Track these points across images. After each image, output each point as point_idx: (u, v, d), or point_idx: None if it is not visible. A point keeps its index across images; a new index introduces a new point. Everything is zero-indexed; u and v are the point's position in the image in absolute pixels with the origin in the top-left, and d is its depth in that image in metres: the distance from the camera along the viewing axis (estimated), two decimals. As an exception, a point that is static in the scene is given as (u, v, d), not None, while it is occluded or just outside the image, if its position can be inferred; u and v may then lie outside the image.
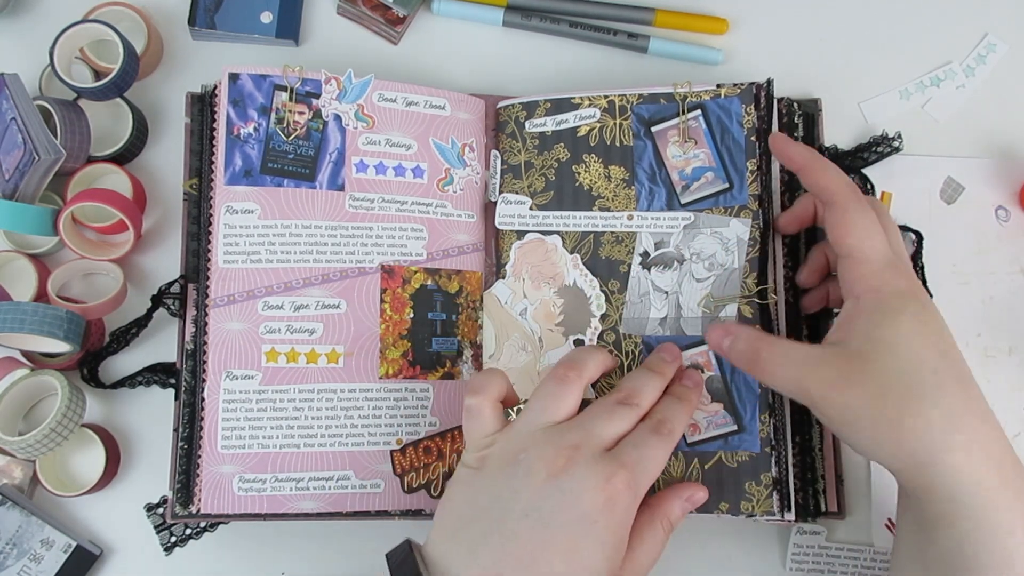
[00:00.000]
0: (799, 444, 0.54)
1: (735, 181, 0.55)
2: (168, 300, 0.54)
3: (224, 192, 0.53)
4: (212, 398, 0.52)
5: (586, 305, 0.55)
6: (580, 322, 0.55)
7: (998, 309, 0.60)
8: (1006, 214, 0.61)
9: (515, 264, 0.56)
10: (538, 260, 0.56)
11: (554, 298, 0.55)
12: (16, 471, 0.54)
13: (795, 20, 0.63)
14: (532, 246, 0.56)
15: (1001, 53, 0.63)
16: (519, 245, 0.56)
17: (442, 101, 0.57)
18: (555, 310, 0.55)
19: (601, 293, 0.55)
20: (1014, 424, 0.58)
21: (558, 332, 0.55)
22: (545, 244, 0.56)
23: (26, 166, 0.53)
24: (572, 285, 0.55)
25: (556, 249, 0.55)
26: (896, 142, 0.59)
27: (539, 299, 0.55)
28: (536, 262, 0.56)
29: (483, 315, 0.56)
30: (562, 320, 0.55)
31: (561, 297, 0.55)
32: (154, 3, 0.60)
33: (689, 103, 0.56)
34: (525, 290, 0.55)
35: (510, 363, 0.55)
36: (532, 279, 0.55)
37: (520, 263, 0.56)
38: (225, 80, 0.54)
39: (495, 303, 0.56)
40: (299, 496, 0.52)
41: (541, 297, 0.55)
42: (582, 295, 0.55)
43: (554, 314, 0.55)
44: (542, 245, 0.56)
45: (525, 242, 0.56)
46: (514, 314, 0.55)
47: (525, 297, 0.55)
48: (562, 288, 0.55)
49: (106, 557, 0.55)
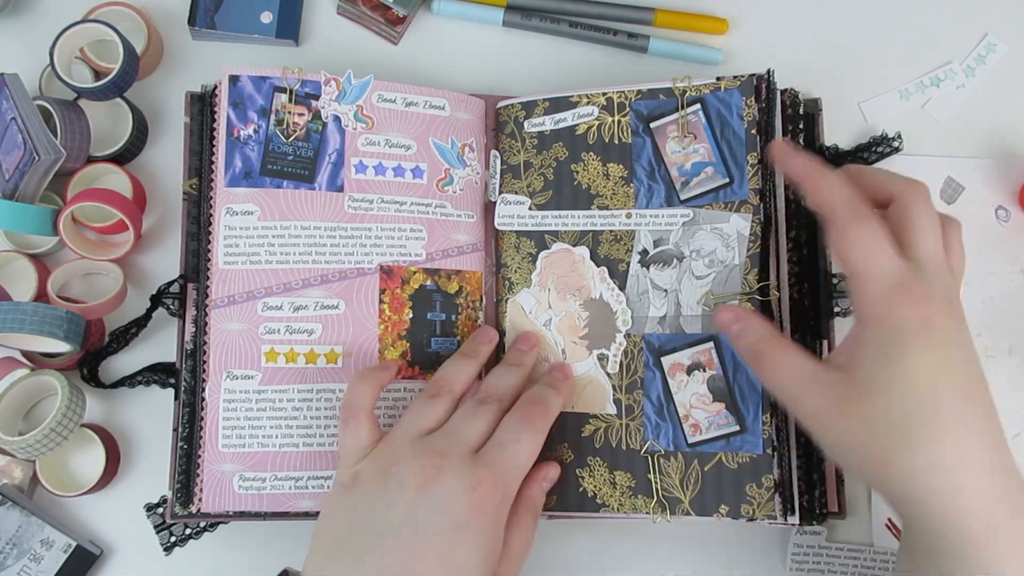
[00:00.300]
0: (803, 445, 0.53)
1: (735, 176, 0.55)
2: (168, 300, 0.55)
3: (224, 194, 0.53)
4: (212, 398, 0.52)
5: (612, 319, 0.55)
6: (605, 336, 0.55)
7: (998, 309, 0.60)
8: (1006, 214, 0.61)
9: (541, 274, 0.56)
10: (565, 271, 0.55)
11: (579, 311, 0.55)
12: (16, 471, 0.54)
13: (795, 20, 0.63)
14: (559, 256, 0.56)
15: (1001, 53, 0.63)
16: (547, 254, 0.56)
17: (442, 101, 0.57)
18: (580, 323, 0.55)
19: (628, 309, 0.54)
20: (1014, 424, 0.58)
21: (582, 345, 0.55)
22: (573, 255, 0.55)
23: (26, 166, 0.53)
24: (598, 299, 0.55)
25: (584, 261, 0.55)
26: (896, 142, 0.59)
27: (564, 311, 0.55)
28: (563, 273, 0.55)
29: (506, 322, 0.56)
30: (586, 333, 0.55)
31: (586, 310, 0.55)
32: (154, 3, 0.60)
33: (688, 98, 0.56)
34: (550, 301, 0.55)
35: (532, 374, 0.54)
36: (558, 290, 0.55)
37: (547, 273, 0.55)
38: (225, 82, 0.54)
39: (519, 312, 0.56)
40: (298, 495, 0.52)
41: (566, 309, 0.55)
42: (608, 309, 0.55)
43: (579, 327, 0.55)
44: (569, 256, 0.55)
45: (552, 252, 0.56)
46: (538, 324, 0.55)
47: (550, 308, 0.55)
48: (588, 301, 0.55)
49: (106, 557, 0.55)
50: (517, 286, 0.56)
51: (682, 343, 0.54)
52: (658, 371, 0.54)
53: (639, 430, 0.53)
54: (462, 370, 0.51)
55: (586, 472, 0.54)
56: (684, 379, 0.53)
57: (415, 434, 0.47)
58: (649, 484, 0.53)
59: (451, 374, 0.50)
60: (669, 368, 0.54)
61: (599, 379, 0.54)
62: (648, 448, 0.53)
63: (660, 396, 0.54)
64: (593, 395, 0.54)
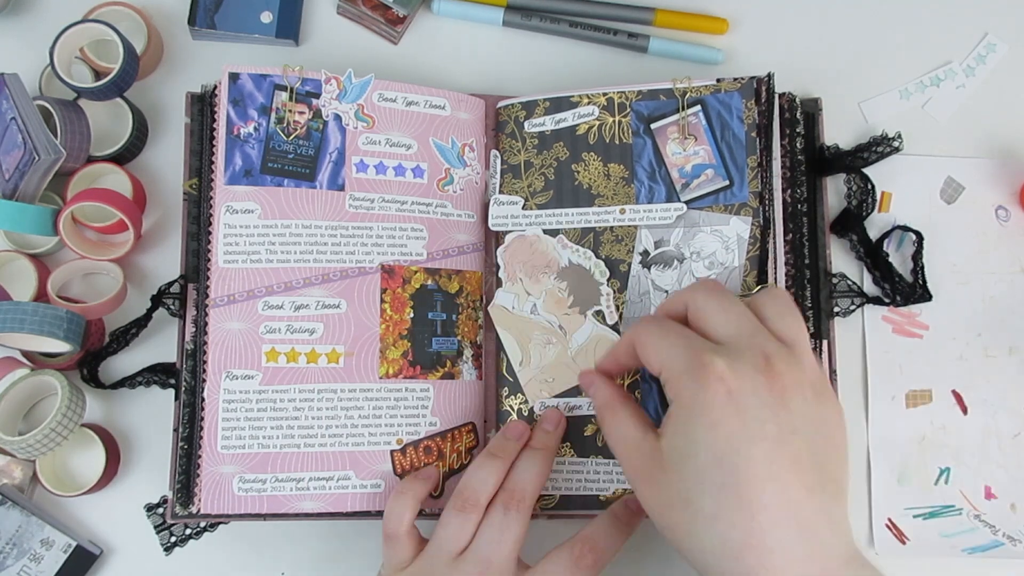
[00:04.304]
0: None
1: (735, 178, 0.55)
2: (168, 300, 0.54)
3: (224, 192, 0.53)
4: (212, 398, 0.52)
5: (590, 277, 0.55)
6: (591, 295, 0.55)
7: (998, 309, 0.60)
8: (1006, 214, 0.61)
9: (506, 267, 0.56)
10: (526, 256, 0.55)
11: (557, 284, 0.55)
12: (16, 471, 0.54)
13: (795, 20, 0.63)
14: (515, 245, 0.56)
15: (1001, 53, 0.63)
16: (503, 249, 0.56)
17: (442, 101, 0.57)
18: (563, 295, 0.55)
19: (600, 260, 0.54)
20: (1014, 424, 0.58)
21: (575, 313, 0.55)
22: (527, 238, 0.55)
23: (26, 166, 0.53)
24: (569, 264, 0.55)
25: (539, 238, 0.55)
26: (896, 142, 0.59)
27: (543, 291, 0.55)
28: (525, 258, 0.55)
29: (497, 329, 0.56)
30: (572, 301, 0.55)
31: (563, 280, 0.55)
32: (154, 3, 0.60)
33: (689, 99, 0.56)
34: (526, 288, 0.55)
35: (541, 361, 0.55)
36: (528, 275, 0.55)
37: (511, 265, 0.56)
38: (225, 80, 0.54)
39: (503, 313, 0.56)
40: (299, 496, 0.52)
41: (544, 288, 0.55)
42: (582, 269, 0.55)
43: (563, 299, 0.55)
44: (524, 240, 0.55)
45: (508, 244, 0.56)
46: (525, 315, 0.55)
47: (529, 295, 0.55)
48: (560, 271, 0.55)
49: (106, 557, 0.55)
50: None
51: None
52: (654, 384, 0.54)
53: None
54: (490, 476, 0.50)
55: (587, 471, 0.54)
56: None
57: (447, 557, 0.48)
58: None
59: (478, 484, 0.49)
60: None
61: (605, 335, 0.54)
62: None
63: (657, 408, 0.54)
64: None
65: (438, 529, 0.49)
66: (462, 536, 0.48)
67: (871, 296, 0.59)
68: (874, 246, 0.59)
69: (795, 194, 0.56)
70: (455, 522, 0.49)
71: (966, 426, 0.58)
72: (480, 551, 0.48)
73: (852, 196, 0.60)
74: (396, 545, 0.50)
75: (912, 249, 0.59)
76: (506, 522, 0.48)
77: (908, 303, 0.58)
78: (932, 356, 0.59)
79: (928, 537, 0.57)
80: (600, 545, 0.48)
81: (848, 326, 0.59)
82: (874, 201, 0.59)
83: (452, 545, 0.48)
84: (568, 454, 0.54)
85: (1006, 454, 0.58)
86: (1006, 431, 0.58)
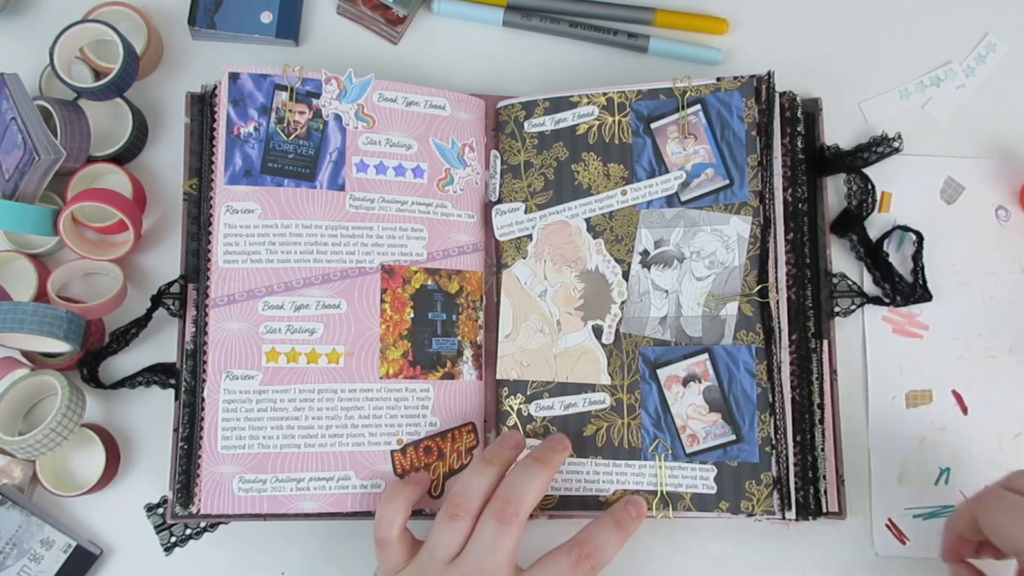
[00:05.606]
0: (799, 443, 0.54)
1: (735, 177, 0.55)
2: (168, 300, 0.54)
3: (224, 192, 0.53)
4: (212, 398, 0.52)
5: (607, 291, 0.55)
6: (600, 308, 0.55)
7: (998, 309, 0.60)
8: (1006, 214, 0.61)
9: (537, 244, 0.55)
10: (561, 243, 0.55)
11: (575, 282, 0.55)
12: (16, 471, 0.54)
13: (795, 20, 0.63)
14: (555, 228, 0.55)
15: (1001, 53, 0.63)
16: (542, 226, 0.55)
17: (442, 101, 0.57)
18: (575, 294, 0.55)
19: (623, 281, 0.54)
20: (1014, 424, 0.58)
21: (577, 316, 0.55)
22: (569, 227, 0.55)
23: (26, 166, 0.53)
24: (594, 270, 0.55)
25: (580, 233, 0.55)
26: (896, 142, 0.59)
27: (560, 282, 0.55)
28: (559, 244, 0.55)
29: (501, 294, 0.55)
30: (582, 304, 0.55)
31: (582, 281, 0.55)
32: (154, 3, 0.60)
33: (689, 98, 0.56)
34: (546, 272, 0.55)
35: (526, 344, 0.55)
36: (553, 261, 0.55)
37: (542, 244, 0.55)
38: (225, 79, 0.54)
39: (514, 283, 0.55)
40: (299, 496, 0.52)
41: (562, 280, 0.55)
42: (603, 280, 0.55)
43: (574, 298, 0.55)
44: (566, 228, 0.55)
45: (549, 223, 0.55)
46: (533, 295, 0.55)
47: (545, 279, 0.55)
48: (583, 272, 0.55)
49: (106, 557, 0.55)
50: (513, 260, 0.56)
51: (677, 355, 0.54)
52: (654, 383, 0.54)
53: (640, 428, 0.54)
54: (482, 483, 0.49)
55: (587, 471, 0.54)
56: (680, 391, 0.54)
57: (440, 563, 0.48)
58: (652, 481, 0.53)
59: (470, 491, 0.49)
60: (665, 380, 0.54)
61: (594, 350, 0.54)
62: (656, 447, 0.53)
63: (657, 408, 0.54)
64: (587, 367, 0.54)
65: (430, 535, 0.49)
66: (453, 543, 0.48)
67: (871, 296, 0.59)
68: (874, 246, 0.59)
69: (795, 193, 0.56)
70: (446, 529, 0.49)
71: (966, 426, 0.58)
72: (473, 559, 0.48)
73: (852, 196, 0.60)
74: (388, 550, 0.50)
75: (912, 249, 0.59)
76: (499, 533, 0.48)
77: (908, 303, 0.58)
78: (932, 356, 0.59)
79: (928, 537, 0.57)
80: (598, 547, 0.48)
81: (848, 326, 0.59)
82: (874, 201, 0.59)
83: (444, 552, 0.48)
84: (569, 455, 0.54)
85: (1006, 454, 0.58)
86: (1006, 431, 0.58)
